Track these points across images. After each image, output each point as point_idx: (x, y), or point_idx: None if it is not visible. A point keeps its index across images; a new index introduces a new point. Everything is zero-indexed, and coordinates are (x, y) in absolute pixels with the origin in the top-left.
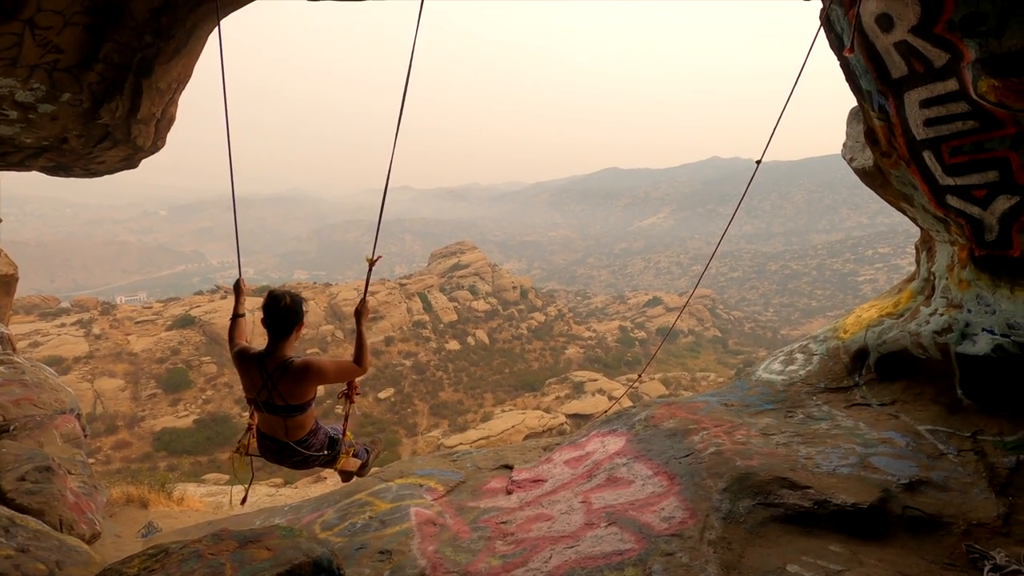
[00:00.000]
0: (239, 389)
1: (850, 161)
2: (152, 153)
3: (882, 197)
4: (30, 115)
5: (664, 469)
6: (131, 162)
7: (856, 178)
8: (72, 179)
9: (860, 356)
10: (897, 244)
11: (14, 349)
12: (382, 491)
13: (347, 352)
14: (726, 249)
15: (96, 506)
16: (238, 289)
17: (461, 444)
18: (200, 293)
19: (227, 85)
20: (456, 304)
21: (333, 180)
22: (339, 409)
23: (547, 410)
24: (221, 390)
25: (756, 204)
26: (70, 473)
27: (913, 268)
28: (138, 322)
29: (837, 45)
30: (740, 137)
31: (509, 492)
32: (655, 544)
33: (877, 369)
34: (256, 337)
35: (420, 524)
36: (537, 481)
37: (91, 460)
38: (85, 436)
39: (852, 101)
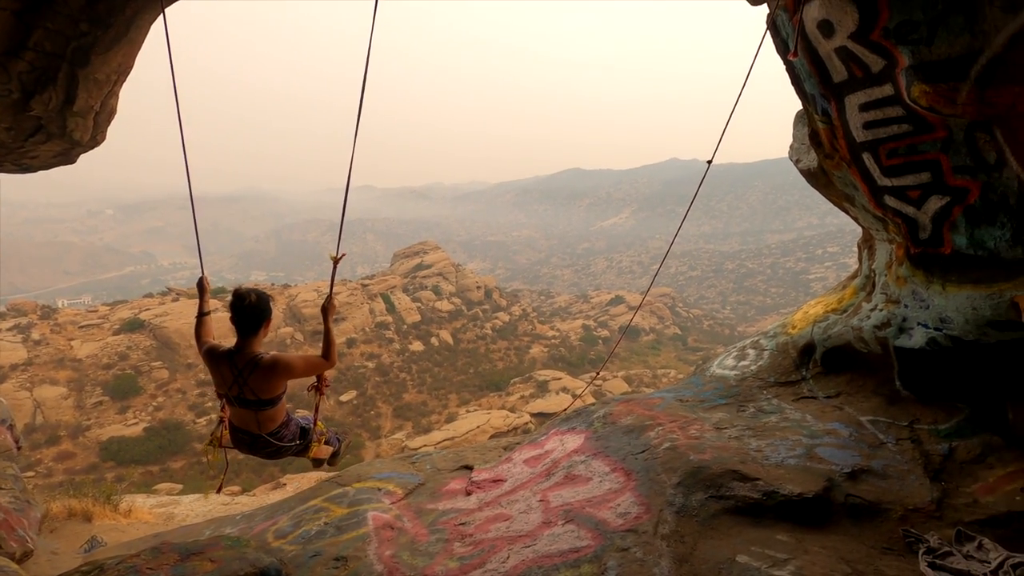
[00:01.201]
0: (192, 395)
1: (796, 162)
2: (91, 148)
3: (826, 197)
4: None
5: (621, 465)
6: (68, 157)
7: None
8: (7, 176)
9: (807, 351)
10: (845, 244)
11: None
12: (338, 496)
13: (308, 354)
14: (685, 249)
15: (29, 522)
16: (201, 287)
17: (426, 446)
18: (150, 295)
19: (176, 77)
20: (419, 305)
21: (291, 178)
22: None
23: (512, 410)
24: (173, 396)
25: (714, 205)
26: (0, 488)
27: (857, 266)
28: (82, 326)
29: (783, 49)
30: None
31: (468, 493)
32: (611, 540)
33: (823, 363)
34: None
35: (377, 528)
36: (496, 481)
37: (31, 473)
38: (18, 448)
39: (800, 106)
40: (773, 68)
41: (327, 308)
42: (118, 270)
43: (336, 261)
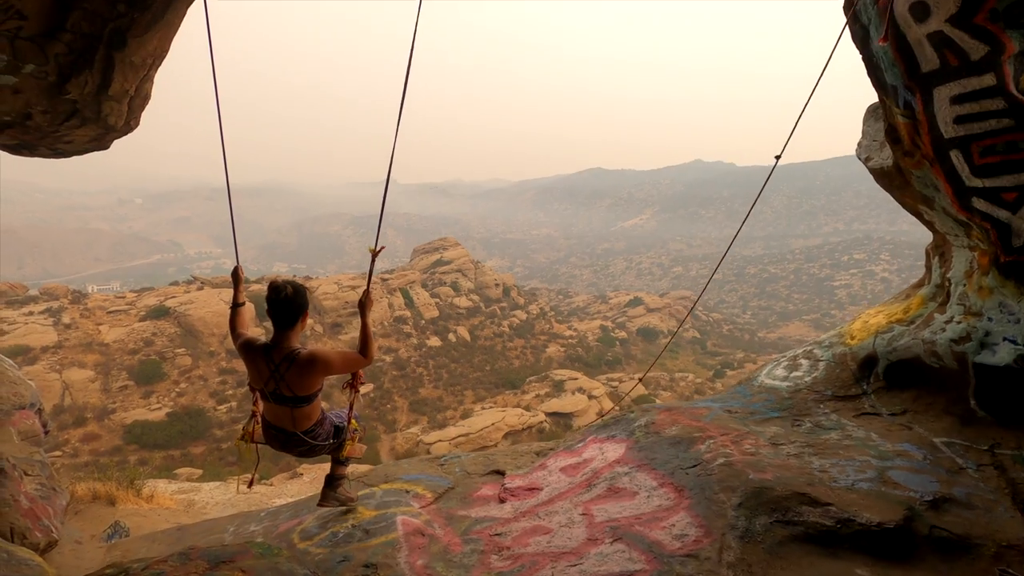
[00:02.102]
0: (214, 383)
1: (866, 160)
2: (125, 133)
3: (897, 199)
4: None
5: (670, 480)
6: (102, 143)
7: (835, 185)
8: (43, 163)
9: (868, 363)
10: (872, 251)
11: None
12: (366, 497)
13: (329, 346)
14: (707, 252)
15: (55, 510)
16: (236, 278)
17: (440, 440)
18: (176, 284)
19: (203, 70)
20: (438, 300)
21: (314, 172)
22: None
23: (527, 408)
24: (195, 383)
25: (737, 208)
26: (26, 474)
27: (924, 274)
28: (110, 312)
29: (862, 37)
30: (724, 141)
31: (502, 500)
32: (669, 565)
33: (886, 377)
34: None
35: (407, 534)
36: (532, 489)
37: (58, 453)
38: (46, 432)
39: (832, 107)
40: (808, 67)
41: (364, 303)
42: (146, 258)
43: (375, 254)
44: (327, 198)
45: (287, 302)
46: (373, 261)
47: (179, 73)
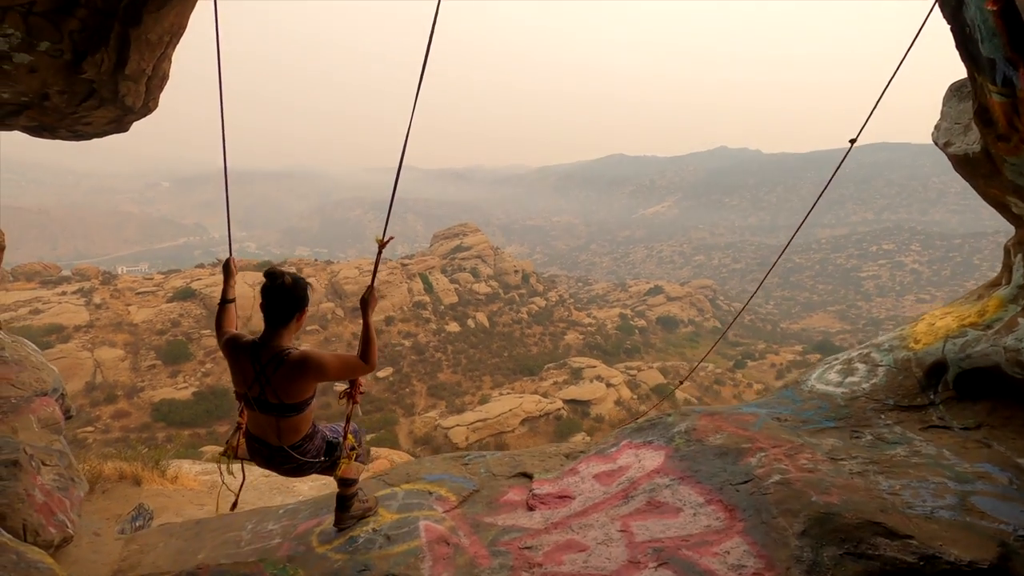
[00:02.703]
0: None
1: (945, 146)
2: (144, 115)
3: (980, 189)
4: (5, 65)
5: (718, 497)
6: (121, 124)
7: (865, 173)
8: (74, 146)
9: (936, 370)
10: (901, 241)
11: None
12: (387, 498)
13: (347, 330)
14: (730, 240)
15: (71, 502)
16: (227, 271)
17: (458, 425)
18: (201, 266)
19: (230, 56)
20: (457, 286)
21: (336, 157)
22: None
23: (545, 395)
24: (220, 364)
25: (762, 196)
26: (44, 464)
27: (1000, 272)
28: (139, 293)
29: (953, 4)
30: (750, 127)
31: (531, 508)
32: None
33: (956, 386)
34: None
35: (431, 543)
36: (563, 497)
37: (90, 428)
38: (68, 417)
39: (868, 92)
40: (840, 51)
41: (367, 300)
42: (173, 240)
43: (382, 245)
44: (348, 183)
45: (284, 292)
46: (380, 252)
47: (202, 61)
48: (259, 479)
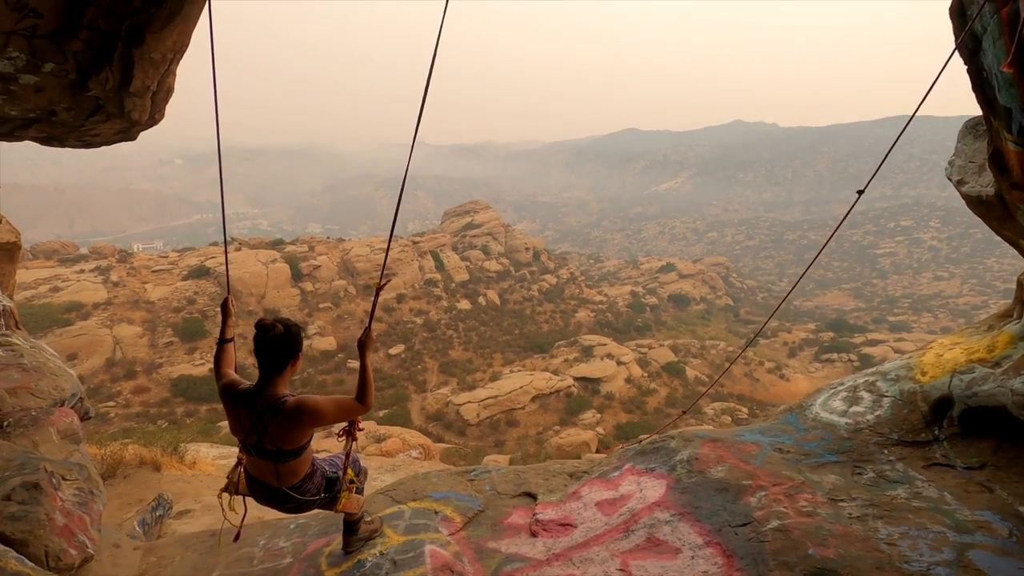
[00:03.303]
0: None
1: (958, 184)
2: (150, 126)
3: (993, 228)
4: (11, 87)
5: (716, 539)
6: (128, 135)
7: (884, 148)
8: None
9: (941, 405)
10: (920, 217)
11: (18, 325)
12: (394, 516)
13: (359, 308)
14: (743, 217)
15: (91, 518)
16: (225, 311)
17: (469, 402)
18: (215, 244)
19: (240, 33)
20: (468, 264)
21: (347, 134)
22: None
23: (555, 372)
24: (236, 341)
25: (778, 171)
26: (64, 479)
27: (1013, 305)
28: (155, 271)
29: (971, 48)
30: (767, 100)
31: (534, 534)
32: None
33: (961, 423)
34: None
35: (436, 570)
36: (565, 525)
37: (112, 403)
38: (87, 418)
39: (897, 63)
40: (848, 18)
41: (364, 342)
42: (186, 218)
43: (379, 288)
44: (359, 160)
45: (276, 342)
46: (377, 296)
47: (218, 39)
48: None
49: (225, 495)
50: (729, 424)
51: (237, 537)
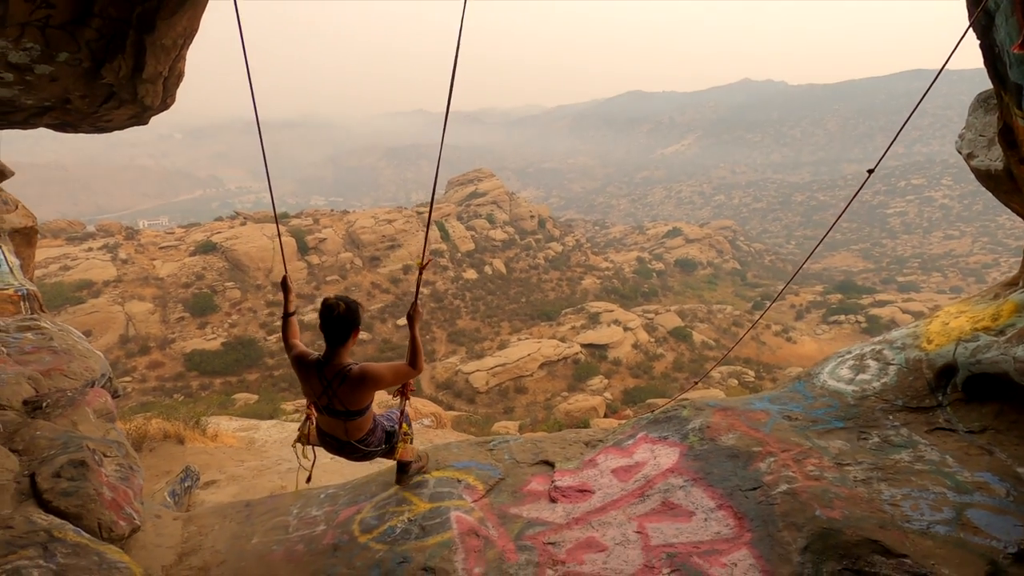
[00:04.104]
0: (263, 314)
1: (967, 157)
2: (163, 110)
3: (1004, 202)
4: (27, 77)
5: (729, 503)
6: (140, 119)
7: (897, 104)
8: None
9: (946, 372)
10: (932, 175)
11: (42, 308)
12: (419, 485)
13: (366, 280)
14: (751, 179)
15: (134, 491)
16: (285, 287)
17: (478, 371)
18: (220, 219)
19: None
20: (473, 233)
21: (347, 105)
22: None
23: (563, 339)
24: (246, 315)
25: (786, 131)
26: (106, 456)
27: (1017, 274)
28: (162, 247)
29: (984, 24)
30: (776, 57)
31: (553, 500)
32: None
33: (964, 388)
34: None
35: (462, 535)
36: (583, 491)
37: (128, 379)
38: (116, 396)
39: (912, 15)
40: None
41: (413, 316)
42: (189, 193)
43: (422, 268)
44: (360, 130)
45: (340, 319)
46: (420, 274)
47: (208, 9)
48: (292, 433)
49: (299, 445)
50: (736, 387)
51: (309, 479)
